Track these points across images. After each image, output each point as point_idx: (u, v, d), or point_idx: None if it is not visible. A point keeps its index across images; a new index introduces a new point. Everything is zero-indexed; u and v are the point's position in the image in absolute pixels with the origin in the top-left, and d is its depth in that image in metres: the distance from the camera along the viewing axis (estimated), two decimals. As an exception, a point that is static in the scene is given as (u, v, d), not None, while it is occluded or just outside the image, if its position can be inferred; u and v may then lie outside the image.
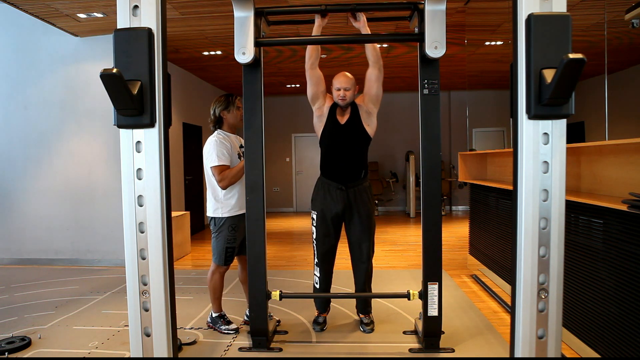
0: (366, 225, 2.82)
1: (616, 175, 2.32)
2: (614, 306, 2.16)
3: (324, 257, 2.88)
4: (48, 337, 2.86)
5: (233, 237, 2.84)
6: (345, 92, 2.73)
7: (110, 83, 1.49)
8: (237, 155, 2.87)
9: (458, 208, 9.58)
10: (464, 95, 9.23)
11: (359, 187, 2.81)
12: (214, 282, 2.93)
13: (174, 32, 4.91)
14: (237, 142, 2.94)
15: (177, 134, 6.47)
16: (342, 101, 2.75)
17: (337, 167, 2.79)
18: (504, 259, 3.67)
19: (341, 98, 2.74)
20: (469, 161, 4.62)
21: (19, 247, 5.17)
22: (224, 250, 2.84)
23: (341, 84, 2.74)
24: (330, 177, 2.82)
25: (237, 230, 2.85)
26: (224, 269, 2.91)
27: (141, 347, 1.73)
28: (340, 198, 2.79)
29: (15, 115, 5.10)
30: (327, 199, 2.81)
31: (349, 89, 2.74)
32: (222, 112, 2.88)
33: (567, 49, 1.49)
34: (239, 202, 2.85)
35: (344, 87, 2.73)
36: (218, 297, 2.96)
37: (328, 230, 2.84)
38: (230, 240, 2.84)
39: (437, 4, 2.27)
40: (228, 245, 2.84)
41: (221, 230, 2.83)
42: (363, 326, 2.90)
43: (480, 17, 4.67)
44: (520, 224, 1.59)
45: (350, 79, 2.76)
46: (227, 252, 2.84)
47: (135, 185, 1.69)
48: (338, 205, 2.79)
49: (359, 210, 2.80)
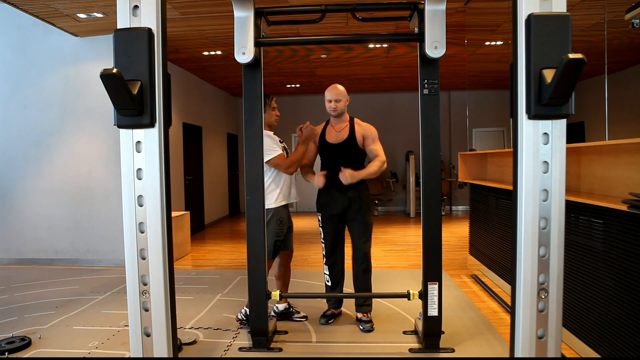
0: (363, 224, 2.96)
1: (616, 175, 2.32)
2: (614, 306, 2.16)
3: (330, 255, 3.04)
4: (48, 337, 2.86)
5: (281, 231, 2.95)
6: (336, 104, 2.93)
7: (110, 83, 1.49)
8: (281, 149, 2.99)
9: (458, 208, 9.58)
10: (464, 95, 9.24)
11: (355, 189, 2.93)
12: (276, 272, 3.10)
13: (174, 32, 4.91)
14: (277, 138, 3.06)
15: (177, 134, 6.47)
16: (333, 112, 2.95)
17: (334, 177, 2.90)
18: (504, 259, 3.67)
19: (332, 109, 2.94)
20: (469, 161, 4.62)
21: (19, 247, 5.17)
22: (272, 245, 2.92)
23: (332, 96, 2.93)
24: (331, 183, 2.94)
25: (284, 224, 2.97)
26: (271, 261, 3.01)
27: (141, 347, 1.73)
28: (340, 200, 2.95)
29: (15, 115, 5.10)
30: (329, 201, 2.98)
31: (339, 100, 2.92)
32: None
33: (567, 49, 1.49)
34: (283, 192, 2.96)
35: (334, 99, 2.92)
36: (285, 282, 3.13)
37: (332, 230, 3.01)
38: (279, 234, 2.94)
39: (437, 4, 2.26)
40: (277, 238, 2.94)
41: (269, 223, 2.90)
42: (362, 324, 2.93)
43: (480, 17, 4.67)
44: (520, 224, 1.59)
45: (340, 92, 2.94)
46: (275, 246, 2.94)
47: (135, 185, 1.69)
48: (339, 206, 2.95)
49: (357, 210, 2.94)
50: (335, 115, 2.97)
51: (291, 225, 3.09)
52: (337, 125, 3.00)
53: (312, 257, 5.16)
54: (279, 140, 3.08)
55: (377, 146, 2.95)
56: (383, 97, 9.57)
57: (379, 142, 2.98)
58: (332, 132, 3.00)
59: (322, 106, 3.07)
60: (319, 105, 8.22)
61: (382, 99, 9.61)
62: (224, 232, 7.37)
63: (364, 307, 2.98)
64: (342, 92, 2.94)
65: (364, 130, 2.96)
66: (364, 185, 2.98)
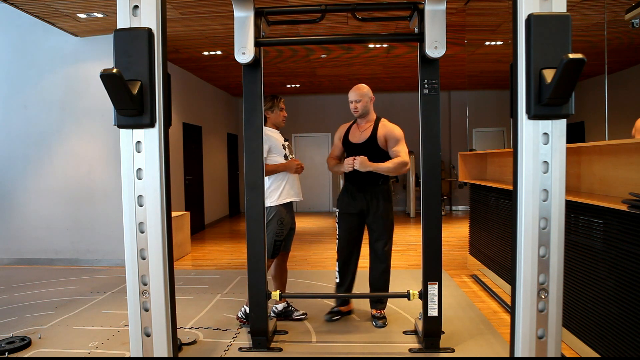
0: (382, 226, 2.96)
1: (616, 175, 2.32)
2: (614, 306, 2.16)
3: (342, 253, 3.03)
4: (48, 337, 2.86)
5: (281, 231, 2.97)
6: (356, 104, 2.96)
7: (110, 83, 1.49)
8: (282, 147, 3.04)
9: (458, 208, 9.58)
10: (464, 95, 9.24)
11: (374, 190, 2.96)
12: (272, 271, 3.09)
13: (174, 32, 4.91)
14: (281, 138, 3.11)
15: (177, 134, 6.47)
16: (355, 112, 2.99)
17: (356, 176, 2.96)
18: (504, 259, 3.67)
19: (354, 110, 2.99)
20: (469, 161, 4.62)
21: (19, 247, 5.17)
22: (272, 244, 2.94)
23: (353, 96, 2.98)
24: (351, 182, 3.01)
25: (285, 223, 2.99)
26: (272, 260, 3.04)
27: (141, 347, 1.73)
28: (358, 200, 2.98)
29: (15, 115, 5.10)
30: (349, 199, 3.01)
31: (359, 100, 2.95)
32: (266, 111, 3.04)
33: (567, 49, 1.49)
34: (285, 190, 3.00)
35: (355, 99, 2.97)
36: (282, 283, 3.14)
37: (347, 228, 3.02)
38: (279, 234, 2.96)
39: (437, 4, 2.26)
40: (277, 238, 2.96)
41: (270, 222, 2.92)
42: (375, 320, 2.98)
43: (480, 17, 4.67)
44: (520, 224, 1.59)
45: (361, 92, 2.97)
46: (275, 246, 2.95)
47: (135, 185, 1.69)
48: (356, 206, 2.98)
49: (375, 211, 2.95)
50: (358, 116, 3.00)
51: (293, 227, 3.11)
52: (361, 125, 3.02)
53: (312, 257, 5.16)
54: (284, 139, 3.12)
55: (399, 147, 2.91)
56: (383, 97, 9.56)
57: (403, 144, 2.94)
58: (356, 132, 3.03)
59: (322, 106, 3.09)
60: (319, 105, 8.21)
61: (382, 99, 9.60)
62: (224, 232, 7.37)
63: (378, 304, 3.05)
64: (363, 92, 2.95)
65: (387, 131, 2.94)
66: (385, 187, 2.99)
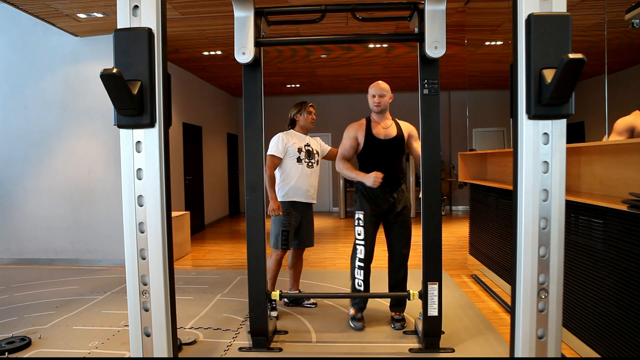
0: (405, 227, 2.98)
1: (616, 175, 2.32)
2: (614, 306, 2.16)
3: (369, 256, 2.98)
4: (48, 337, 2.86)
5: (287, 222, 3.11)
6: (380, 99, 2.92)
7: (110, 83, 1.49)
8: (296, 150, 3.17)
9: (458, 208, 9.57)
10: (464, 95, 9.23)
11: (399, 190, 2.96)
12: (269, 264, 3.12)
13: (174, 32, 4.91)
14: (304, 141, 3.26)
15: (177, 134, 6.47)
16: (377, 107, 2.93)
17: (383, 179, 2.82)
18: (504, 259, 3.67)
19: (376, 104, 2.93)
20: (469, 161, 4.62)
21: (19, 247, 5.17)
22: (279, 234, 3.09)
23: (376, 91, 2.93)
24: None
25: (291, 216, 3.12)
26: (280, 253, 3.16)
27: (141, 347, 1.73)
28: (383, 200, 2.93)
29: (15, 115, 5.10)
30: (373, 200, 2.94)
31: (383, 95, 2.93)
32: (295, 115, 3.33)
33: (567, 49, 1.48)
34: (292, 189, 3.14)
35: (378, 94, 2.92)
36: (270, 277, 3.17)
37: (374, 229, 2.98)
38: (285, 224, 3.10)
39: (437, 4, 2.26)
40: (283, 228, 3.09)
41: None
42: (394, 322, 2.98)
43: (480, 17, 4.67)
44: (520, 224, 1.59)
45: (384, 87, 2.95)
46: (282, 236, 3.06)
47: (135, 185, 1.69)
48: (382, 207, 2.94)
49: (400, 212, 2.95)
50: (379, 111, 2.95)
51: (304, 224, 3.21)
52: (382, 122, 2.97)
53: (312, 257, 5.16)
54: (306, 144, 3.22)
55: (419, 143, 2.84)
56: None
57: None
58: (378, 128, 2.96)
59: (322, 106, 3.08)
60: (319, 105, 8.19)
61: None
62: (224, 232, 7.37)
63: (398, 307, 3.04)
64: (386, 88, 2.95)
65: (409, 129, 3.01)
66: (405, 186, 3.00)
